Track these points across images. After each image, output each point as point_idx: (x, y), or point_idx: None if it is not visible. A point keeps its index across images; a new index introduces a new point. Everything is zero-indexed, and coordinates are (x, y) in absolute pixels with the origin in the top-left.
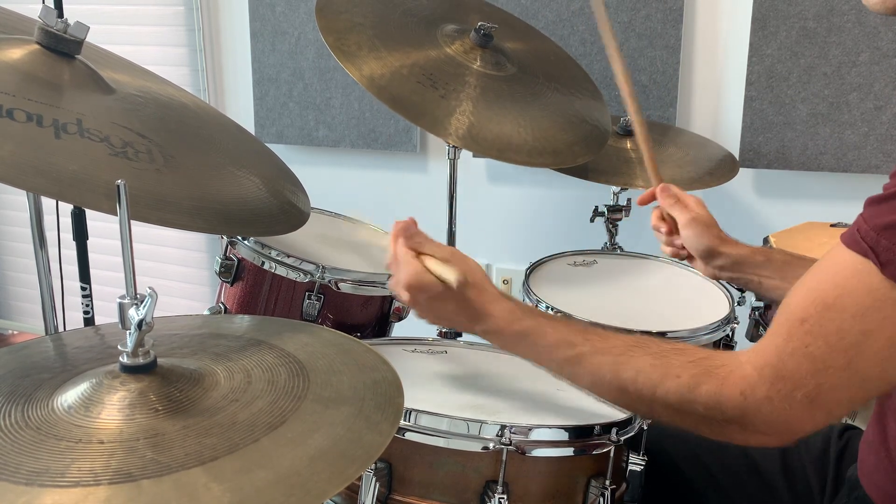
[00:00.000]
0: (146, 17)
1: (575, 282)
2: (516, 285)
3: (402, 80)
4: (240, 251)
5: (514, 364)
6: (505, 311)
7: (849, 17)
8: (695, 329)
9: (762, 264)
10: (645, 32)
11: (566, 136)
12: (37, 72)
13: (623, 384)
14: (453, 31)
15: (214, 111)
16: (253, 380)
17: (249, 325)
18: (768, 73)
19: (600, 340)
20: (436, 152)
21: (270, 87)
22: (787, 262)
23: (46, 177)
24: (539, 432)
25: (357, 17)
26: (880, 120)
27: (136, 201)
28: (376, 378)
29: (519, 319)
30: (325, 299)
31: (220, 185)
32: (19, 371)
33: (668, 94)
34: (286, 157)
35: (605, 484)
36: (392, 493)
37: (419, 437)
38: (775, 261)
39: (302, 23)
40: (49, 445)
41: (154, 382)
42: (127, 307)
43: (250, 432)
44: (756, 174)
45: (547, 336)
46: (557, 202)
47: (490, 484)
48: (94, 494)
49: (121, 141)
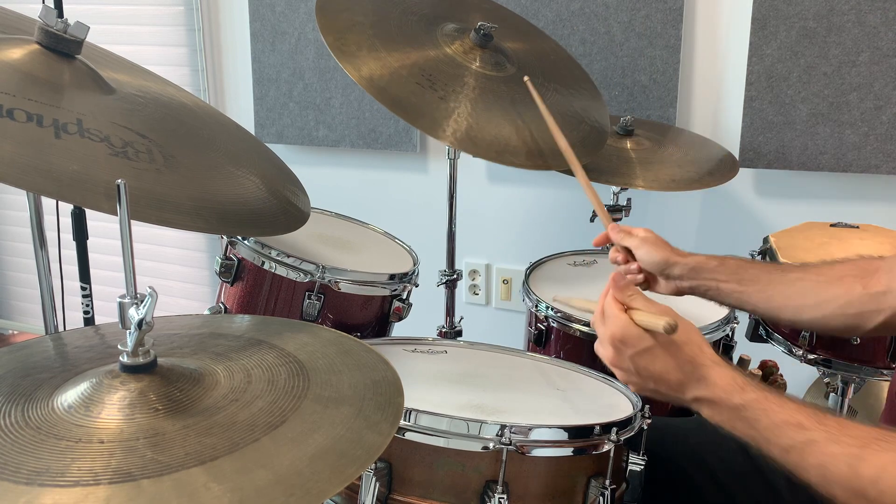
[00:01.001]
0: (146, 17)
1: (575, 282)
2: (516, 285)
3: (402, 80)
4: (240, 251)
5: (514, 364)
6: (727, 378)
7: (849, 17)
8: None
9: (717, 269)
10: (645, 32)
11: (566, 137)
12: (37, 72)
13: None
14: (453, 30)
15: (214, 111)
16: (253, 380)
17: (249, 325)
18: (768, 73)
19: (837, 427)
20: (436, 152)
21: (270, 87)
22: (741, 266)
23: (46, 177)
24: (539, 432)
25: (357, 16)
26: (880, 120)
27: (136, 201)
28: (376, 378)
29: (741, 391)
30: (325, 299)
31: (220, 185)
32: (19, 371)
33: (668, 94)
34: (286, 157)
35: (605, 484)
36: (392, 493)
37: (419, 436)
38: (729, 265)
39: (302, 23)
40: (49, 445)
41: (154, 382)
42: (127, 307)
43: (250, 432)
44: (756, 174)
45: (773, 414)
46: (557, 202)
47: (490, 484)
48: (94, 494)
49: (121, 141)
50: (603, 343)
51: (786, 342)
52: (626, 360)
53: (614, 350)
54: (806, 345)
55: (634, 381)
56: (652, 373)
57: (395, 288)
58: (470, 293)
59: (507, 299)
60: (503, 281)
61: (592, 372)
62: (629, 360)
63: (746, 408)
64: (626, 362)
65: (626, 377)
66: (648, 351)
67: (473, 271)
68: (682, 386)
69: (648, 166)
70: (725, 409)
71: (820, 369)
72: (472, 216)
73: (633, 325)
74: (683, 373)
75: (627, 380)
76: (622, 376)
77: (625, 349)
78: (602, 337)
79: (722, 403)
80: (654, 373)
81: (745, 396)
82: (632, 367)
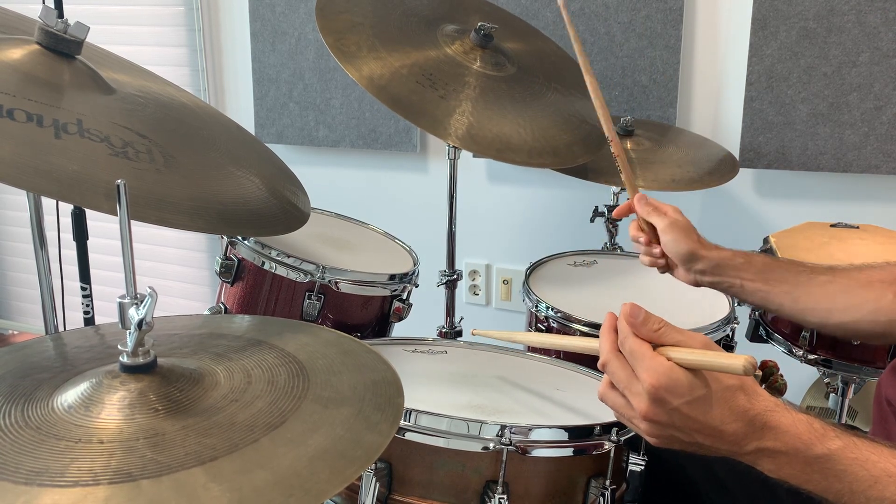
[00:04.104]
0: (146, 17)
1: (575, 282)
2: (516, 285)
3: (402, 80)
4: (240, 251)
5: (514, 364)
6: (802, 424)
7: (849, 17)
8: (695, 329)
9: (743, 267)
10: (645, 32)
11: (566, 137)
12: (37, 72)
13: None
14: (453, 31)
15: (214, 111)
16: (253, 380)
17: (249, 325)
18: (768, 73)
19: None
20: (436, 152)
21: (270, 88)
22: (768, 265)
23: (46, 177)
24: (539, 432)
25: (357, 17)
26: (880, 120)
27: (136, 201)
28: (376, 378)
29: (823, 438)
30: (325, 299)
31: (220, 185)
32: (19, 371)
33: (668, 94)
34: (286, 157)
35: (605, 484)
36: (392, 493)
37: (419, 437)
38: (756, 263)
39: (302, 23)
40: (49, 445)
41: (154, 382)
42: (127, 307)
43: (250, 432)
44: (756, 174)
45: (870, 465)
46: (557, 202)
47: (490, 484)
48: (94, 494)
49: (121, 141)
50: (635, 394)
51: (786, 342)
52: (669, 414)
53: (653, 403)
54: (806, 345)
55: (675, 435)
56: (703, 425)
57: (395, 288)
58: (470, 293)
59: (507, 299)
60: (503, 281)
61: (592, 372)
62: (673, 414)
63: (832, 458)
64: (667, 416)
65: (662, 431)
66: (703, 400)
67: (473, 271)
68: (742, 437)
69: (648, 166)
70: (799, 462)
71: (820, 369)
72: (472, 216)
73: (678, 370)
74: (744, 422)
75: (664, 434)
76: (655, 431)
77: (671, 400)
78: (630, 387)
79: (796, 455)
80: (705, 425)
81: (829, 445)
82: (676, 421)
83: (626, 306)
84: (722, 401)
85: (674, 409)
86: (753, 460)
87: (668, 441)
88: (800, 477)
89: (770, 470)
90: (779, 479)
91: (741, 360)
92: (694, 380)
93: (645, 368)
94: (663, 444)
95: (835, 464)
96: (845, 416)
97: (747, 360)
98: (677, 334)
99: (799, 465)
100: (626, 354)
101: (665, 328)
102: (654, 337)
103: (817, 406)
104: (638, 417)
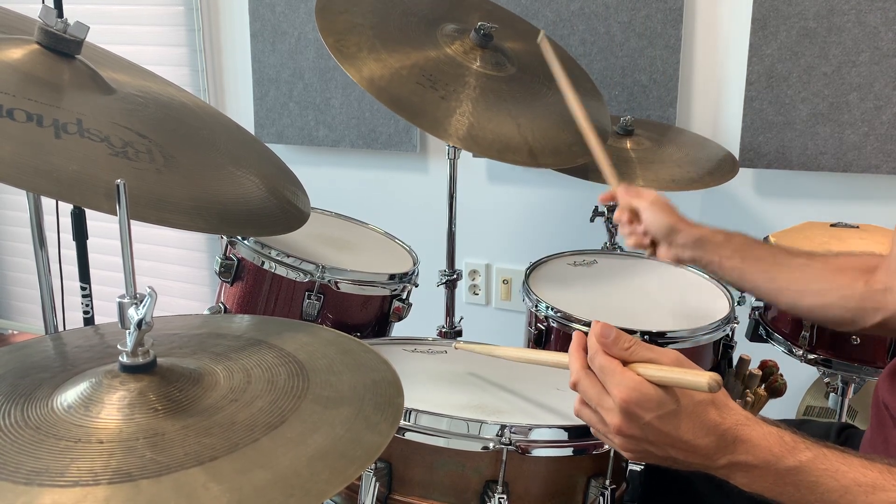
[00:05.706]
0: (146, 17)
1: (575, 282)
2: (516, 285)
3: (402, 80)
4: (240, 251)
5: (514, 364)
6: (772, 437)
7: (849, 17)
8: (695, 329)
9: (722, 244)
10: (645, 32)
11: (566, 137)
12: (37, 72)
13: None
14: (453, 31)
15: (214, 111)
16: (253, 380)
17: (249, 325)
18: (768, 73)
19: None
20: (436, 152)
21: (270, 87)
22: (747, 244)
23: (46, 177)
24: (539, 432)
25: (357, 18)
26: (880, 120)
27: (136, 201)
28: (376, 378)
29: (793, 450)
30: (325, 299)
31: (220, 185)
32: (19, 371)
33: (668, 94)
34: (286, 157)
35: (605, 484)
36: (392, 493)
37: (419, 437)
38: (735, 241)
39: (302, 23)
40: (48, 445)
41: (154, 382)
42: (127, 307)
43: (250, 432)
44: (756, 174)
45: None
46: (557, 202)
47: (490, 484)
48: (94, 494)
49: (121, 141)
50: (607, 410)
51: (786, 342)
52: (641, 428)
53: (625, 417)
54: (806, 345)
55: (649, 450)
56: (675, 440)
57: (394, 288)
58: (470, 293)
59: (507, 299)
60: (503, 281)
61: None
62: (646, 428)
63: (802, 470)
64: (640, 430)
65: (637, 446)
66: (673, 415)
67: (473, 271)
68: (714, 451)
69: (648, 166)
70: (771, 474)
71: (820, 369)
72: (472, 216)
73: (647, 385)
74: (715, 436)
75: (638, 449)
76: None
77: (642, 415)
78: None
79: (767, 467)
80: (677, 439)
81: (799, 457)
82: (648, 435)
83: (597, 325)
84: (693, 415)
85: (646, 423)
86: (727, 474)
87: (642, 455)
88: (773, 490)
89: (744, 483)
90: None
91: (706, 378)
92: (664, 395)
93: (615, 384)
94: (639, 459)
95: (806, 475)
96: (845, 415)
97: (712, 378)
98: (648, 352)
99: (771, 478)
100: (596, 371)
101: (636, 346)
102: (625, 355)
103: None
104: (612, 433)
